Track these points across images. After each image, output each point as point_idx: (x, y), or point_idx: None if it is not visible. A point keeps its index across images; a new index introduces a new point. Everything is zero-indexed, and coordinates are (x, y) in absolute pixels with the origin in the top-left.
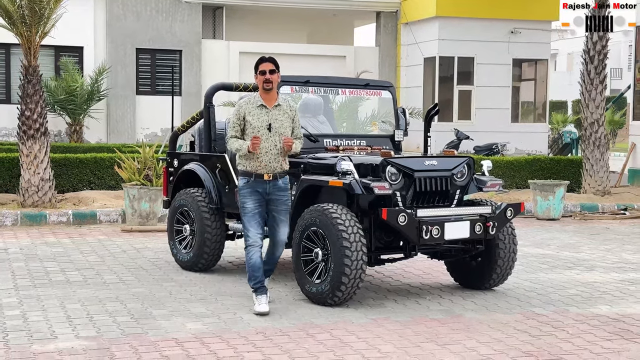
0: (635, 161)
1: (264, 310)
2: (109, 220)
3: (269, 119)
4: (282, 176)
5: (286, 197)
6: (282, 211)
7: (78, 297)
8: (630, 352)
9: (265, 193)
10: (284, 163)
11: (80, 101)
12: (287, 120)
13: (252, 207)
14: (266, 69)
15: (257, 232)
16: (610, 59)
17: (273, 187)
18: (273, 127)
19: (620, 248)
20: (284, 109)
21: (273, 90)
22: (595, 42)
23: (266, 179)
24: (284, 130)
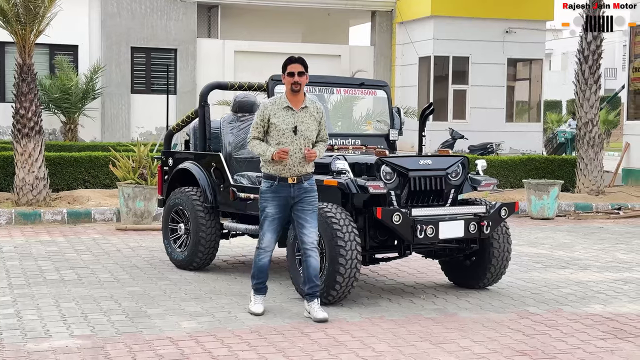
0: (629, 161)
1: (258, 311)
2: (103, 219)
3: (294, 121)
4: (308, 178)
5: (313, 199)
6: (308, 212)
7: (72, 296)
8: (623, 351)
9: (290, 197)
10: (308, 166)
11: (75, 100)
12: (314, 123)
13: (273, 212)
14: (295, 70)
15: (272, 237)
16: (605, 59)
17: (298, 190)
18: (299, 129)
19: (614, 247)
20: (311, 111)
21: (301, 92)
22: (589, 42)
23: (290, 182)
24: (309, 133)
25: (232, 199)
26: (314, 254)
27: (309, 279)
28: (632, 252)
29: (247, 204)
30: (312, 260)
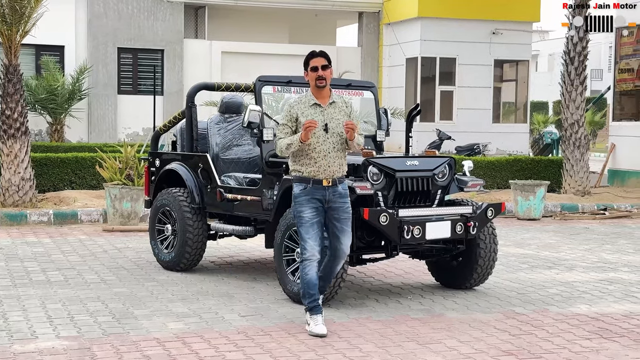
0: (615, 162)
1: (322, 332)
2: (90, 220)
3: (324, 118)
4: (342, 181)
5: (347, 205)
6: (343, 220)
7: (59, 297)
8: (608, 350)
9: (324, 200)
10: (344, 166)
11: (61, 100)
12: (344, 118)
13: (310, 216)
14: (318, 64)
15: (315, 244)
16: (591, 60)
17: (333, 194)
18: (330, 127)
19: (599, 248)
20: (340, 106)
21: (326, 87)
22: (575, 43)
23: (325, 184)
24: (341, 129)
25: (219, 200)
26: (342, 262)
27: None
28: (617, 252)
29: (234, 204)
30: (337, 266)
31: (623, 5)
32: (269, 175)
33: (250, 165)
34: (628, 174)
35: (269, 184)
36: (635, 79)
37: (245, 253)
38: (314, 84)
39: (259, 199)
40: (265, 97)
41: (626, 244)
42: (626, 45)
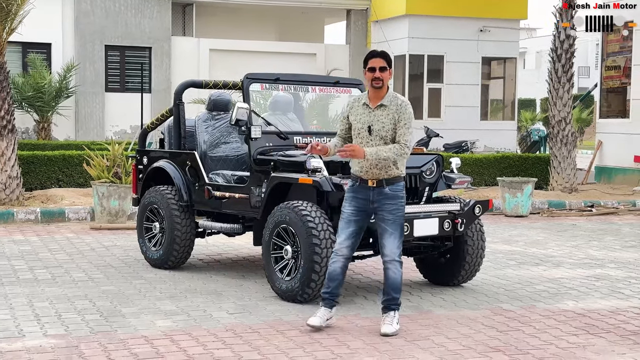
0: (602, 159)
1: (310, 322)
2: (77, 218)
3: (370, 119)
4: (392, 182)
5: (395, 207)
6: (388, 222)
7: (46, 295)
8: (595, 346)
9: (369, 201)
10: (393, 169)
11: (48, 98)
12: (391, 122)
13: (348, 212)
14: (376, 65)
15: (345, 240)
16: (578, 58)
17: (378, 195)
18: (373, 129)
19: (586, 244)
20: (390, 110)
21: (382, 88)
22: (562, 40)
23: (370, 185)
24: (385, 133)
25: (207, 198)
26: (393, 267)
27: (386, 292)
28: (604, 249)
29: (222, 202)
30: (389, 273)
31: (623, 5)
32: (257, 172)
33: (238, 163)
34: (615, 171)
35: (257, 182)
36: (621, 76)
37: (233, 251)
38: (370, 84)
39: (247, 197)
40: (253, 95)
41: (613, 241)
42: (613, 43)
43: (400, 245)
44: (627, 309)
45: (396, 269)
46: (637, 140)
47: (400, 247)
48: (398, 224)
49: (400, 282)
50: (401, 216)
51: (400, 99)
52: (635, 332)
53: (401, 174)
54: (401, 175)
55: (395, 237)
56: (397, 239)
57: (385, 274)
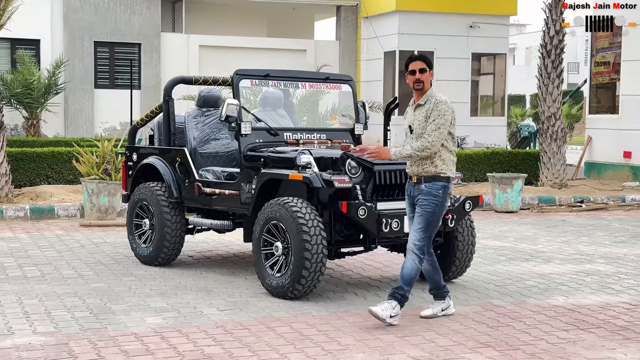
0: (591, 154)
1: (424, 313)
2: (67, 215)
3: (411, 119)
4: (430, 180)
5: (425, 202)
6: (417, 214)
7: (36, 293)
8: (585, 341)
9: (411, 196)
10: (430, 167)
11: (37, 95)
12: (426, 119)
13: (407, 210)
14: (416, 68)
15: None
16: (567, 54)
17: (417, 191)
18: (413, 128)
19: (576, 240)
20: (424, 108)
21: (423, 89)
22: (552, 36)
23: (413, 181)
24: (421, 130)
25: (197, 194)
26: (409, 257)
27: (400, 278)
28: (594, 244)
29: (213, 198)
30: (406, 262)
31: (623, 5)
32: (247, 169)
33: (229, 159)
34: (604, 167)
35: (247, 178)
36: (611, 72)
37: (223, 247)
38: (412, 86)
39: (237, 193)
40: (243, 91)
41: (602, 236)
42: (602, 39)
43: (422, 239)
44: (616, 304)
45: (412, 260)
46: (627, 136)
47: (422, 241)
48: (424, 218)
49: (414, 276)
50: (429, 212)
51: (436, 97)
52: (624, 327)
53: (441, 173)
54: (441, 174)
55: (418, 231)
56: (420, 233)
57: (403, 263)
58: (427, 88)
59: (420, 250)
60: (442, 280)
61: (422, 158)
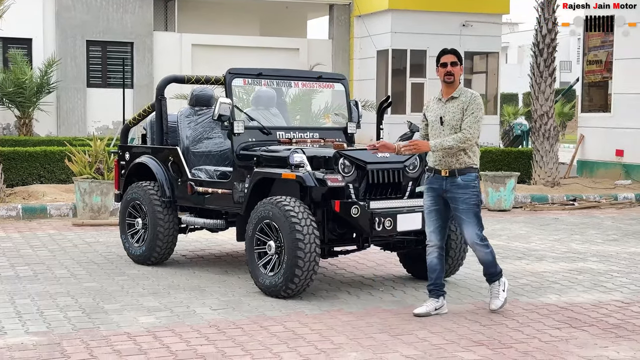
0: (583, 152)
1: (418, 312)
2: (59, 214)
3: (442, 112)
4: (464, 172)
5: (467, 196)
6: (462, 210)
7: (28, 292)
8: (578, 340)
9: (441, 190)
10: (464, 158)
11: (29, 94)
12: (460, 112)
13: (428, 204)
14: (447, 61)
15: (431, 231)
16: (560, 52)
17: (450, 184)
18: (444, 120)
19: (569, 238)
20: (460, 101)
21: (454, 83)
22: (544, 35)
23: (443, 175)
24: (455, 122)
25: (190, 193)
26: (477, 249)
27: (483, 269)
28: (586, 242)
29: (205, 198)
30: (478, 255)
31: (623, 5)
32: (240, 168)
33: (221, 158)
34: (597, 165)
35: (240, 177)
36: (603, 71)
37: (216, 246)
38: (442, 79)
39: (230, 192)
40: (235, 90)
41: (595, 234)
42: (594, 37)
43: (479, 230)
44: (609, 302)
45: (482, 250)
46: (619, 134)
47: (479, 231)
48: (472, 211)
49: (492, 258)
50: (475, 204)
51: (470, 91)
52: (617, 325)
53: (473, 164)
54: (473, 165)
55: (472, 224)
56: (474, 226)
57: (478, 257)
58: (457, 81)
59: (482, 240)
60: (443, 279)
61: (458, 150)
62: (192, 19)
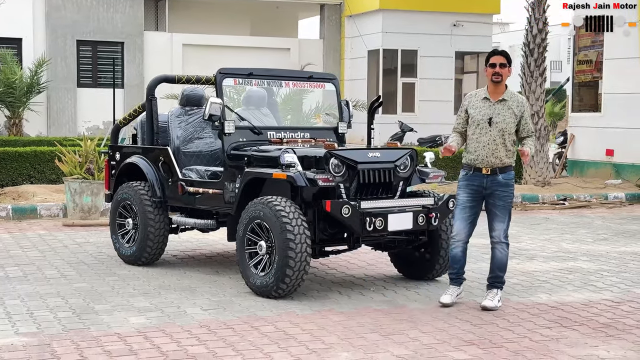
0: (574, 152)
1: (444, 301)
2: (49, 214)
3: (490, 112)
4: (505, 171)
5: (506, 194)
6: (499, 206)
7: (18, 293)
8: (568, 339)
9: (482, 187)
10: (505, 158)
11: (19, 94)
12: (511, 116)
13: (463, 200)
14: (497, 62)
15: (461, 225)
16: (550, 52)
17: (492, 182)
18: (494, 121)
19: (559, 238)
20: (509, 104)
21: (501, 83)
22: (535, 35)
23: (484, 173)
24: (505, 125)
25: (181, 193)
26: (500, 247)
27: (492, 270)
28: (577, 242)
29: (196, 198)
30: (496, 253)
31: (623, 5)
32: (231, 168)
33: (212, 158)
34: (587, 165)
35: (231, 177)
36: (593, 71)
37: (207, 246)
38: (490, 78)
39: (220, 192)
40: (226, 90)
41: (585, 234)
42: (584, 37)
43: (507, 229)
44: (599, 302)
45: (503, 250)
46: (609, 134)
47: (507, 230)
48: (507, 209)
49: (506, 262)
50: (510, 202)
51: (519, 96)
52: (607, 324)
53: (512, 163)
54: (512, 164)
55: (504, 222)
56: (505, 223)
57: (493, 254)
58: (504, 82)
59: (507, 238)
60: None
61: (502, 150)
62: (182, 19)
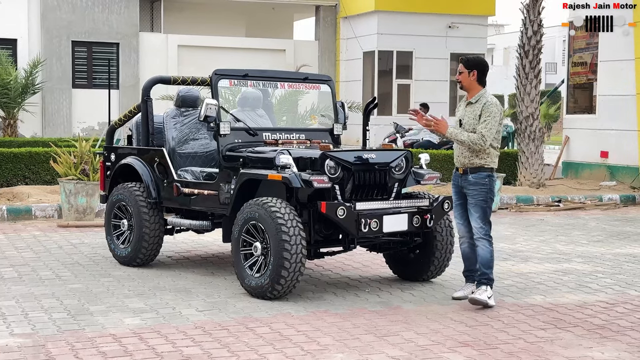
0: (568, 154)
1: (455, 295)
2: (44, 215)
3: (461, 114)
4: (475, 171)
5: (476, 192)
6: (471, 204)
7: (12, 294)
8: (563, 340)
9: (460, 186)
10: (475, 159)
11: (14, 94)
12: (475, 118)
13: (454, 198)
14: (458, 69)
15: (460, 224)
16: (545, 54)
17: (464, 181)
18: (463, 123)
19: (554, 239)
20: (475, 107)
21: (466, 88)
22: (530, 37)
23: (460, 172)
24: (469, 127)
25: (176, 195)
26: (480, 244)
27: (478, 267)
28: (571, 243)
29: (191, 199)
30: (478, 250)
31: (623, 5)
32: (226, 169)
33: (207, 159)
34: (582, 166)
35: (226, 178)
36: (588, 73)
37: (202, 248)
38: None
39: (216, 193)
40: (221, 91)
41: (580, 235)
42: (579, 39)
43: (483, 225)
44: (594, 303)
45: (484, 246)
46: (603, 136)
47: (484, 227)
48: (480, 207)
49: (490, 259)
50: (483, 200)
51: (487, 99)
52: (601, 325)
53: (485, 164)
54: (485, 165)
55: (477, 218)
56: (480, 220)
57: (477, 251)
58: (467, 86)
59: (487, 234)
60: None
61: (471, 151)
62: (178, 20)
